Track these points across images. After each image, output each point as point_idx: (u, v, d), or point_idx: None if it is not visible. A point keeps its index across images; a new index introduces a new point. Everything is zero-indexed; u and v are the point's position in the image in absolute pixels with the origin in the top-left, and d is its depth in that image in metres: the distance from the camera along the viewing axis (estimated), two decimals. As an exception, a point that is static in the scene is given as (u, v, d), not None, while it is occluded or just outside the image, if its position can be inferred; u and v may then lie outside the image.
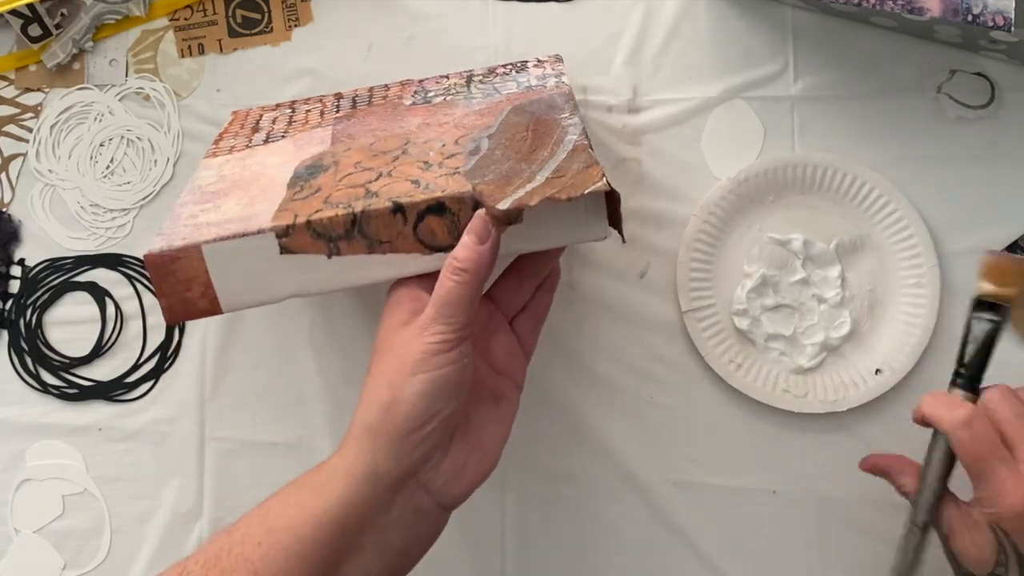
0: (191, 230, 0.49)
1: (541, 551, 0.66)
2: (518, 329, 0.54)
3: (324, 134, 0.58)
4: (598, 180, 0.47)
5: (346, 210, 0.47)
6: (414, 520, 0.48)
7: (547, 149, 0.51)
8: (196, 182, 0.55)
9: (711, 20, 0.65)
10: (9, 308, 0.67)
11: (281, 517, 0.47)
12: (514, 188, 0.48)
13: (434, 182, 0.49)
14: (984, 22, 0.49)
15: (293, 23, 0.66)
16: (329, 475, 0.48)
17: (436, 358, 0.46)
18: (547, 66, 0.62)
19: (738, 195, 0.64)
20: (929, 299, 0.63)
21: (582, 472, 0.66)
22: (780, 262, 0.64)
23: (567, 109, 0.55)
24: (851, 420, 0.64)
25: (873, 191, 0.63)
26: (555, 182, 0.48)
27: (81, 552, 0.66)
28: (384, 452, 0.47)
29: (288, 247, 0.48)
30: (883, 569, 0.64)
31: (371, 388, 0.48)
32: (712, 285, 0.64)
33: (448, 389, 0.47)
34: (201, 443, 0.66)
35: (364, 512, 0.47)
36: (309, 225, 0.47)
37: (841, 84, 0.64)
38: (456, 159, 0.51)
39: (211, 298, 0.48)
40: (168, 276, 0.48)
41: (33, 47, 0.66)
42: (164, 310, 0.48)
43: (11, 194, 0.67)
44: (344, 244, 0.48)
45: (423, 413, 0.46)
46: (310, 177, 0.52)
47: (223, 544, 0.47)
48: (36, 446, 0.67)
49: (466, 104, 0.58)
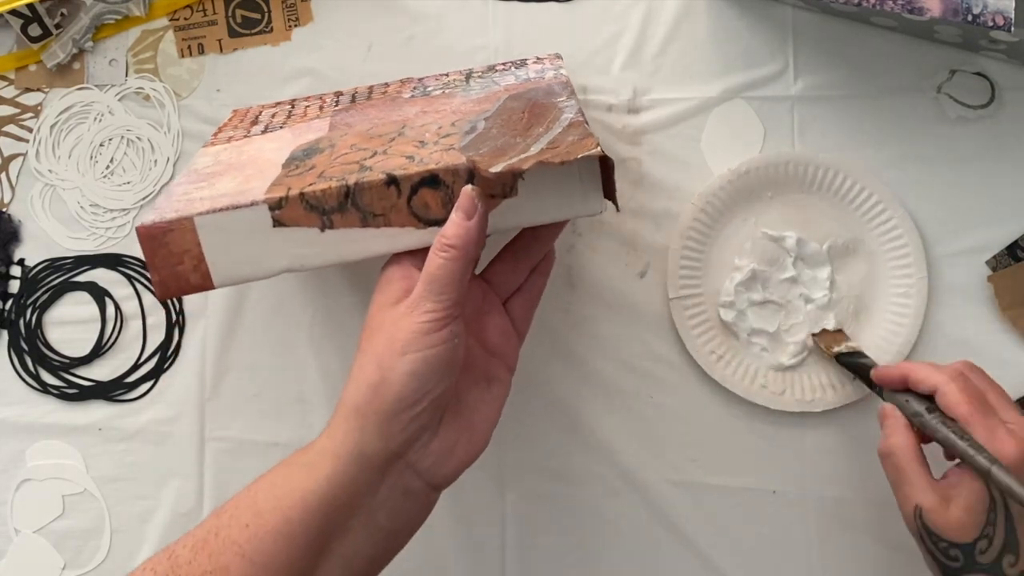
0: (184, 204, 0.48)
1: (541, 551, 0.66)
2: (512, 311, 0.54)
3: (322, 124, 0.57)
4: (592, 148, 0.47)
5: (339, 182, 0.47)
6: (403, 501, 0.48)
7: (543, 126, 0.50)
8: (192, 167, 0.55)
9: (711, 20, 0.65)
10: (9, 308, 0.67)
11: (268, 498, 0.47)
12: (508, 158, 0.47)
13: (428, 156, 0.49)
14: (984, 22, 0.49)
15: (293, 23, 0.66)
16: (317, 455, 0.47)
17: (426, 337, 0.46)
18: (546, 62, 0.62)
19: (736, 187, 0.64)
20: (914, 310, 0.63)
21: (582, 472, 0.66)
22: (771, 258, 0.64)
23: (564, 94, 0.54)
24: (852, 420, 0.64)
25: (871, 197, 0.63)
26: (549, 151, 0.47)
27: (81, 552, 0.66)
28: (372, 432, 0.46)
29: (281, 219, 0.47)
30: (883, 569, 0.64)
31: (360, 367, 0.47)
32: (702, 275, 0.64)
33: (439, 369, 0.46)
34: (201, 443, 0.66)
35: (352, 493, 0.46)
36: (302, 197, 0.47)
37: (841, 84, 0.64)
38: (452, 138, 0.51)
39: (203, 272, 0.48)
40: (160, 249, 0.47)
41: (33, 47, 0.66)
42: (156, 284, 0.48)
43: (11, 194, 0.67)
44: (337, 217, 0.48)
45: (413, 393, 0.46)
46: (306, 157, 0.52)
47: (211, 526, 0.47)
48: (36, 446, 0.67)
49: (464, 95, 0.58)
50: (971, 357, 0.63)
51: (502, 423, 0.64)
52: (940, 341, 0.64)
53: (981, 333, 0.63)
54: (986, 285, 0.63)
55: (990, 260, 0.63)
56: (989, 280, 0.63)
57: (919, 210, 0.64)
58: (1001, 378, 0.63)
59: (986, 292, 0.63)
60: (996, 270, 0.63)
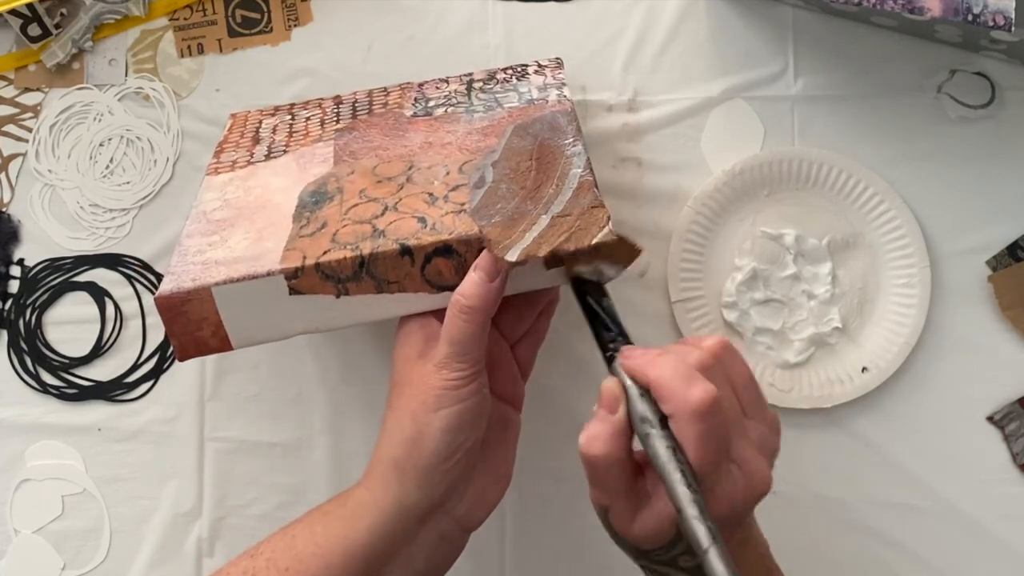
0: (200, 269, 0.49)
1: (541, 551, 0.66)
2: (519, 355, 0.55)
3: (326, 151, 0.58)
4: (604, 224, 0.48)
5: (354, 252, 0.48)
6: (439, 544, 0.50)
7: (552, 185, 0.51)
8: (200, 207, 0.55)
9: (711, 20, 0.65)
10: (8, 308, 0.67)
11: (308, 544, 0.48)
12: (520, 232, 0.48)
13: (440, 221, 0.49)
14: (984, 22, 0.49)
15: (293, 23, 0.66)
16: (356, 506, 0.48)
17: (456, 392, 0.47)
18: (548, 73, 0.62)
19: (732, 187, 0.64)
20: (919, 299, 0.63)
21: (582, 472, 0.65)
22: (772, 256, 0.64)
23: (570, 133, 0.55)
24: (852, 422, 0.64)
25: (867, 189, 0.63)
26: (560, 222, 0.48)
27: (81, 552, 0.66)
28: (412, 485, 0.47)
29: (297, 288, 0.48)
30: (883, 569, 0.64)
31: (393, 422, 0.48)
32: (703, 276, 0.64)
33: (471, 421, 0.47)
34: (201, 443, 0.66)
35: (392, 542, 0.48)
36: (318, 267, 0.48)
37: (841, 84, 0.64)
38: (461, 191, 0.51)
39: (222, 336, 0.49)
40: (179, 317, 0.48)
41: (33, 47, 0.66)
42: (176, 349, 0.49)
43: (11, 194, 0.67)
44: (353, 285, 0.49)
45: (448, 446, 0.47)
46: (315, 207, 0.53)
47: (247, 568, 0.48)
48: (36, 446, 0.67)
49: (468, 120, 0.58)
50: (971, 357, 0.63)
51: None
52: (940, 341, 0.63)
53: (981, 333, 0.63)
54: (986, 285, 0.63)
55: (990, 260, 0.63)
56: (989, 280, 0.63)
57: (919, 210, 0.64)
58: (1001, 378, 0.63)
59: (986, 292, 0.63)
60: (996, 270, 0.63)
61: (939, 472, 0.64)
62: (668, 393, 0.42)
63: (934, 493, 0.64)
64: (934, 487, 0.64)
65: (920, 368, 0.63)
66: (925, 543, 0.64)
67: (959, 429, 0.64)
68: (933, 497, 0.64)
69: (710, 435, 0.42)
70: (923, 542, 0.64)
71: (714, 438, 0.42)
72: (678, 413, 0.42)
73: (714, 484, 0.42)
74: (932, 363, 0.63)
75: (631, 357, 0.45)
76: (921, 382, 0.64)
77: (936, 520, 0.64)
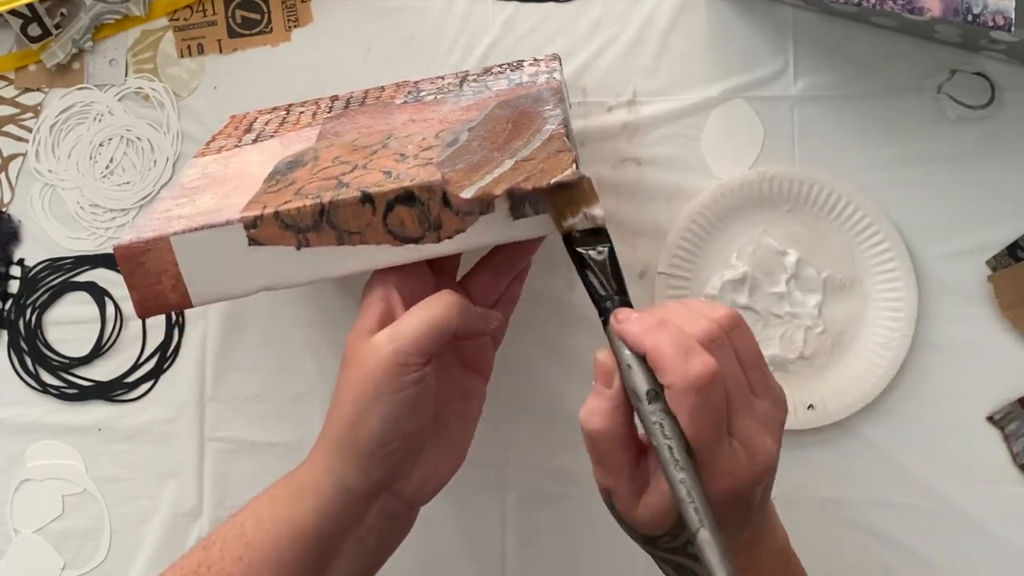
0: (162, 222, 0.48)
1: (541, 551, 0.66)
2: None
3: (312, 133, 0.57)
4: (567, 166, 0.46)
5: (314, 200, 0.47)
6: (389, 523, 0.49)
7: (523, 139, 0.50)
8: (178, 180, 0.55)
9: (711, 20, 0.65)
10: (8, 308, 0.67)
11: (258, 531, 0.47)
12: (482, 175, 0.47)
13: (405, 172, 0.48)
14: (984, 22, 0.49)
15: (293, 24, 0.66)
16: (300, 487, 0.48)
17: (398, 380, 0.45)
18: (542, 64, 0.61)
19: (760, 190, 0.63)
20: (890, 360, 0.62)
21: (583, 472, 0.65)
22: (767, 269, 0.64)
23: (552, 101, 0.54)
24: (852, 422, 0.64)
25: (883, 242, 0.63)
26: (523, 166, 0.47)
27: (81, 552, 0.66)
28: (351, 467, 0.46)
29: (257, 238, 0.47)
30: (882, 569, 0.64)
31: (337, 401, 0.47)
32: (696, 261, 0.64)
33: (412, 409, 0.46)
34: (201, 443, 0.66)
35: (339, 522, 0.47)
36: (277, 216, 0.47)
37: (841, 84, 0.64)
38: (433, 151, 0.50)
39: (181, 291, 0.48)
40: (138, 268, 0.47)
41: (33, 47, 0.66)
42: (135, 303, 0.48)
43: (11, 194, 0.67)
44: (313, 235, 0.47)
45: (386, 433, 0.46)
46: (288, 171, 0.52)
47: (201, 560, 0.48)
48: (36, 446, 0.67)
49: (455, 102, 0.58)
50: (971, 357, 0.63)
51: (502, 424, 0.64)
52: (940, 341, 0.63)
53: (981, 333, 0.63)
54: (986, 285, 0.63)
55: (990, 260, 0.63)
56: (989, 280, 0.63)
57: (919, 210, 0.63)
58: (1001, 378, 0.63)
59: (986, 292, 0.63)
60: (996, 270, 0.63)
61: (939, 472, 0.64)
62: (665, 365, 0.41)
63: (934, 493, 0.64)
64: (934, 487, 0.64)
65: (920, 368, 0.63)
66: (925, 543, 0.63)
67: (959, 429, 0.63)
68: (933, 497, 0.64)
69: (706, 408, 0.40)
70: (923, 542, 0.63)
71: (710, 412, 0.40)
72: (674, 385, 0.40)
73: (716, 459, 0.41)
74: (932, 363, 0.63)
75: (626, 322, 0.43)
76: (921, 382, 0.64)
77: (936, 520, 0.63)
